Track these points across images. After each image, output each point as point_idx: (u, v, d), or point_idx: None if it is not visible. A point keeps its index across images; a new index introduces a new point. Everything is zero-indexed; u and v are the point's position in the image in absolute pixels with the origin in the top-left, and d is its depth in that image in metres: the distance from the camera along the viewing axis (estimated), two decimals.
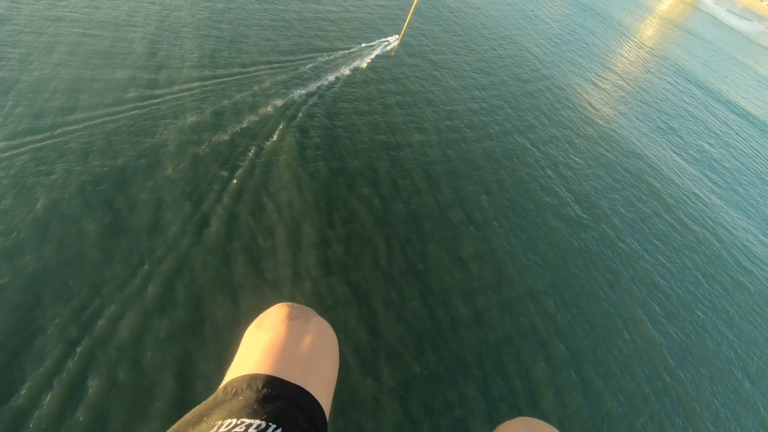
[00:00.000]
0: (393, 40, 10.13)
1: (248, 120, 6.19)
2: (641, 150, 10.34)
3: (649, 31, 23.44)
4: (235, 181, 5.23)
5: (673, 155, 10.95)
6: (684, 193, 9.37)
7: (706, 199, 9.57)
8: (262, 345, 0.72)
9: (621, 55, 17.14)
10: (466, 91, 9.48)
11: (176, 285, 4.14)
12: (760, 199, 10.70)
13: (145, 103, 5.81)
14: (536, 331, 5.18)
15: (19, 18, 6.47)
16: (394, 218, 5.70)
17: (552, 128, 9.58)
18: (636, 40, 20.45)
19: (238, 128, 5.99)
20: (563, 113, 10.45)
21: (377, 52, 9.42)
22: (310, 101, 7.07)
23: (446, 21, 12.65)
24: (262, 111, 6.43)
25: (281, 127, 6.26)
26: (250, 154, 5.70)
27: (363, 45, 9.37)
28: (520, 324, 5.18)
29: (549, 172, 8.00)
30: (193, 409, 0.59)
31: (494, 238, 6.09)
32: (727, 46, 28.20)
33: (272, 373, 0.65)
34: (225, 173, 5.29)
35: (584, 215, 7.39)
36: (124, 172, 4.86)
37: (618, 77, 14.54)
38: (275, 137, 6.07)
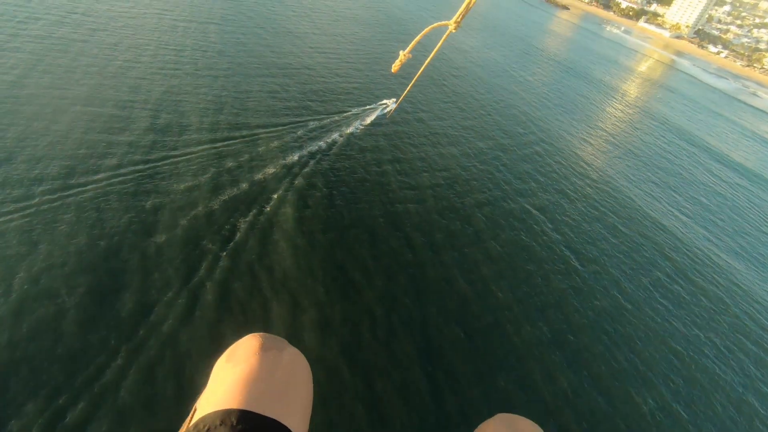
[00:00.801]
0: (391, 104, 10.56)
1: (246, 184, 6.18)
2: (636, 202, 10.37)
3: (632, 89, 24.77)
4: (224, 253, 5.07)
5: (668, 206, 10.96)
6: (684, 245, 9.22)
7: (708, 253, 9.40)
8: (234, 378, 0.69)
9: (608, 112, 17.92)
10: (464, 157, 9.68)
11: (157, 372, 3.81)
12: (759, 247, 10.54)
13: (133, 168, 5.83)
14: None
15: (24, 91, 6.74)
16: (395, 288, 5.48)
17: (549, 188, 9.66)
18: (621, 98, 21.52)
19: (233, 194, 5.96)
20: (558, 171, 10.61)
21: (376, 113, 9.79)
22: (309, 164, 7.14)
23: (440, 87, 13.31)
24: (258, 176, 6.46)
25: (277, 194, 6.26)
26: (246, 220, 5.60)
27: (360, 109, 9.75)
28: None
29: (547, 230, 7.90)
30: None
31: (497, 307, 5.83)
32: (709, 102, 29.70)
33: (246, 407, 0.63)
34: (215, 245, 5.15)
35: (587, 276, 7.15)
36: (114, 239, 4.72)
37: (607, 134, 15.05)
38: (271, 204, 6.03)
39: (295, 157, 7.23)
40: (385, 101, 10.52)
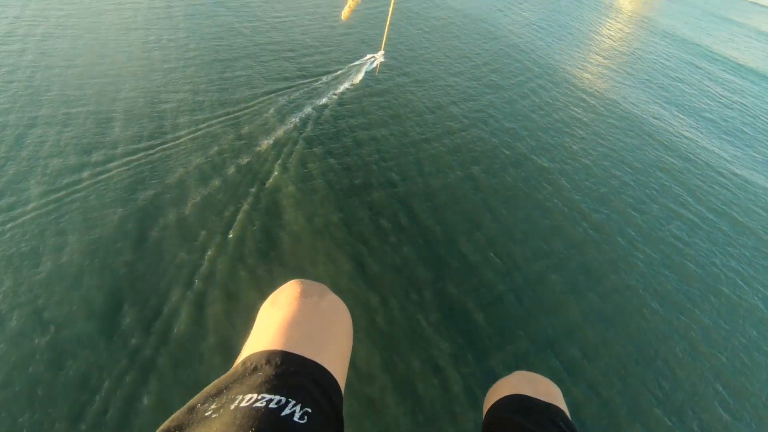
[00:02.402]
0: (379, 56, 9.92)
1: (246, 157, 5.90)
2: (642, 115, 9.85)
3: (626, 3, 23.10)
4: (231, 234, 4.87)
5: (681, 128, 10.41)
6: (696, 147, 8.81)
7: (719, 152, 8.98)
8: (278, 321, 0.72)
9: (603, 33, 16.77)
10: (462, 103, 9.16)
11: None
12: None
13: (129, 159, 5.55)
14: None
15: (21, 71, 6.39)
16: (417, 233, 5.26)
17: (554, 114, 9.17)
18: (616, 14, 20.13)
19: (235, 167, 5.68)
20: (560, 100, 10.05)
21: (365, 69, 9.21)
22: (304, 131, 6.79)
23: (422, 32, 12.46)
24: (255, 150, 6.14)
25: (278, 162, 5.95)
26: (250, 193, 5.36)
27: (347, 67, 9.16)
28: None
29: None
30: (213, 383, 0.60)
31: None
32: (712, 7, 27.73)
33: (289, 349, 0.66)
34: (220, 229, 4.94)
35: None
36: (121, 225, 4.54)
37: (605, 57, 14.13)
38: (272, 177, 5.74)
39: (288, 125, 6.80)
40: (371, 55, 9.88)
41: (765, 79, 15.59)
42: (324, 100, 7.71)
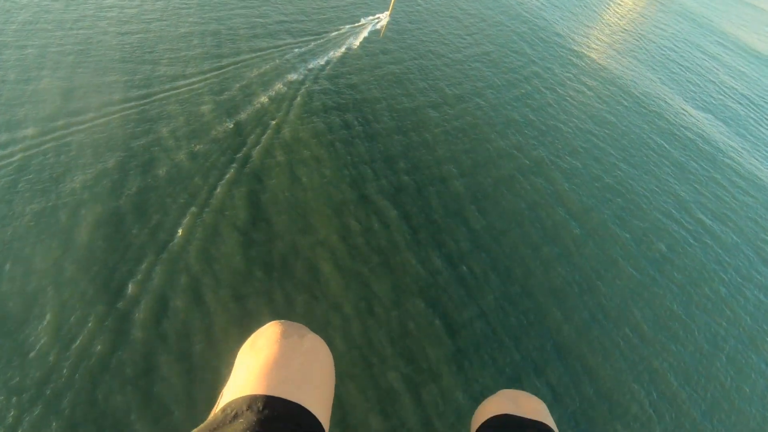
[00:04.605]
0: (384, 17, 9.45)
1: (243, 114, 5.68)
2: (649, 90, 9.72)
3: None
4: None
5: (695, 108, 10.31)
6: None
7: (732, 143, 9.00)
8: (258, 364, 0.70)
9: (611, 7, 16.22)
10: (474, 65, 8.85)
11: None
12: None
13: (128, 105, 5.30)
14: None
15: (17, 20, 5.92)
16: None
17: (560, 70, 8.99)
18: None
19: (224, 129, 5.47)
20: (571, 66, 9.82)
21: (368, 29, 8.78)
22: (305, 85, 6.54)
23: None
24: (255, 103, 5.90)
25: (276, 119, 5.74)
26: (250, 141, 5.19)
27: (350, 27, 8.72)
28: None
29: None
30: (193, 431, 0.57)
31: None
32: None
33: (271, 392, 0.64)
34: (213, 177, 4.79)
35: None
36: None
37: (612, 31, 13.73)
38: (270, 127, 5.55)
39: (293, 77, 6.60)
40: (378, 15, 9.40)
41: None
42: (330, 55, 7.46)
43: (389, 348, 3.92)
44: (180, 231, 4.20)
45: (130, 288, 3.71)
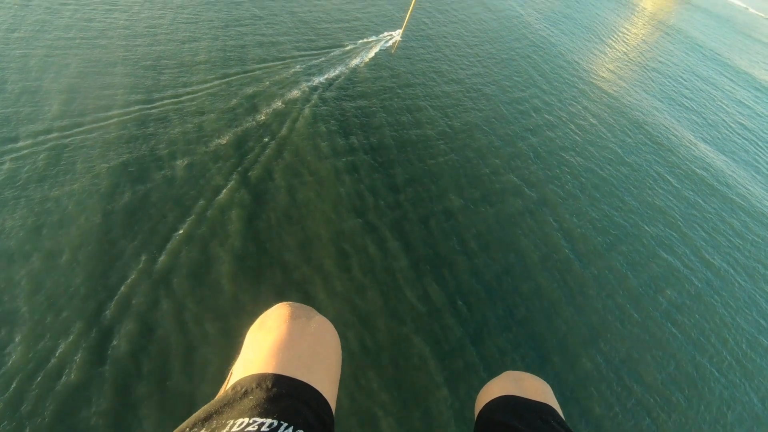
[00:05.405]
0: (396, 35, 9.41)
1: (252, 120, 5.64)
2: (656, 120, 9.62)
3: (649, 4, 22.58)
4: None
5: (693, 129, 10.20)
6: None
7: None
8: (268, 344, 0.71)
9: (622, 32, 16.28)
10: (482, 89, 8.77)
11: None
12: None
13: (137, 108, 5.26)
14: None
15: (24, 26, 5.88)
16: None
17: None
18: (641, 12, 19.65)
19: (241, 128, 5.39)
20: (576, 87, 9.74)
21: (379, 46, 8.74)
22: (313, 98, 6.50)
23: (445, 13, 11.90)
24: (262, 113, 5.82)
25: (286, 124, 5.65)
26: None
27: (362, 42, 8.67)
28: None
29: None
30: (202, 408, 0.59)
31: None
32: (741, 26, 27.04)
33: (279, 371, 0.65)
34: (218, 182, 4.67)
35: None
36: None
37: (622, 56, 13.71)
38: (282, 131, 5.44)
39: (301, 90, 6.58)
40: (390, 33, 9.37)
41: None
42: (340, 69, 7.43)
43: (394, 394, 3.74)
44: (164, 254, 4.04)
45: (111, 309, 3.55)
